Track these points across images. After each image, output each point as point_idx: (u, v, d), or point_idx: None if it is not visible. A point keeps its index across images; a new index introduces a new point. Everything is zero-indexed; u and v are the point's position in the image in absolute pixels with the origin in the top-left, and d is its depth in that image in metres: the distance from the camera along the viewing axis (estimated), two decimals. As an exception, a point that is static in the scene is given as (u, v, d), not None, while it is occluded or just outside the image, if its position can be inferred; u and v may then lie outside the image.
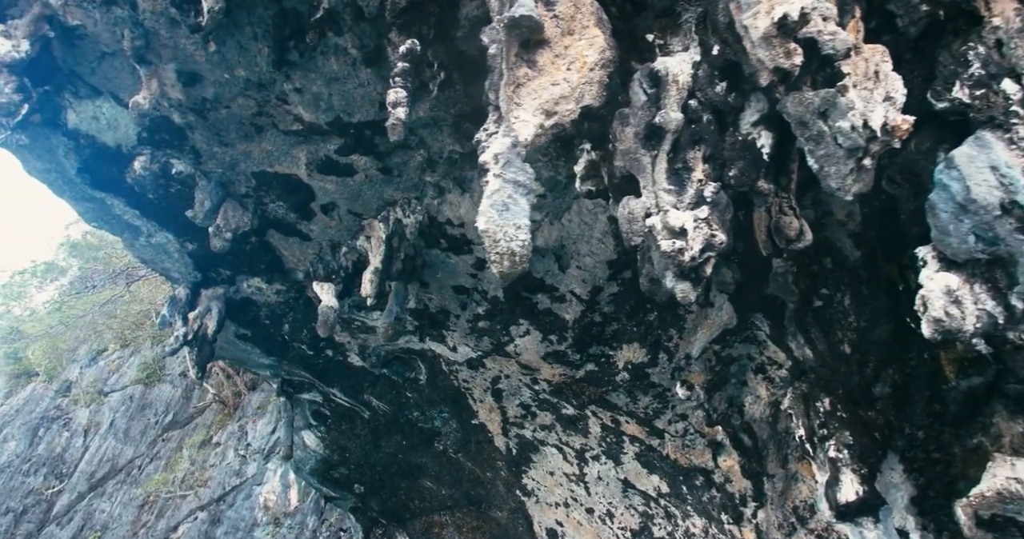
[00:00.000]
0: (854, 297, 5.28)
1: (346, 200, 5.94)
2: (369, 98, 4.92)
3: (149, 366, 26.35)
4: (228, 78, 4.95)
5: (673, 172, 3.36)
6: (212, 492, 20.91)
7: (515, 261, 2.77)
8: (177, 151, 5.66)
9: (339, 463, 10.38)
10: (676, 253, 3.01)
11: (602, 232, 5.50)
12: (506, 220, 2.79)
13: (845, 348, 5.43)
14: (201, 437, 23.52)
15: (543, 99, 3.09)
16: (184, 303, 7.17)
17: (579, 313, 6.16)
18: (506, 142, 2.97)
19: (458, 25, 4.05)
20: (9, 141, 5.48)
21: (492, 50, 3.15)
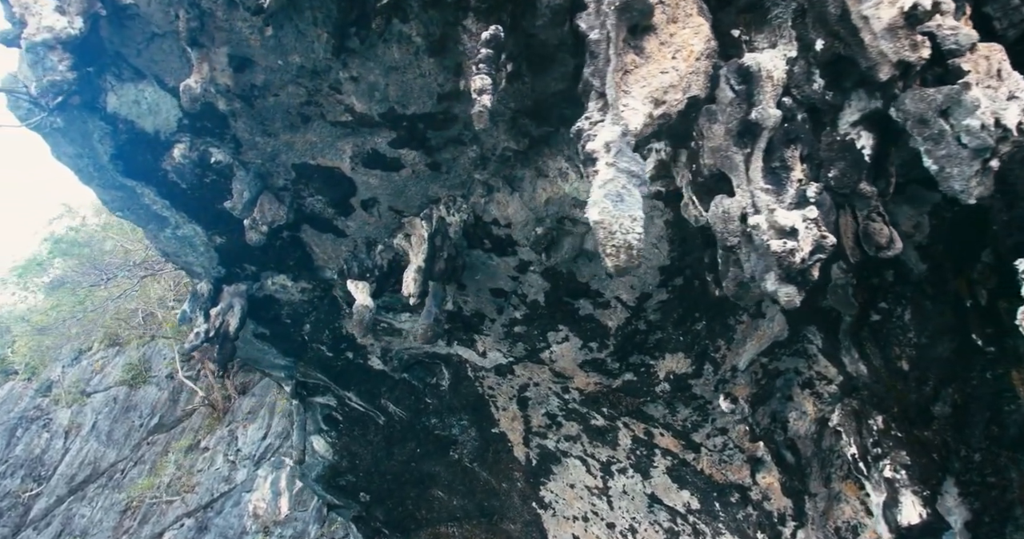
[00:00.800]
0: (916, 312, 5.22)
1: (388, 196, 5.84)
2: (428, 89, 4.84)
3: (135, 366, 25.96)
4: (281, 64, 4.85)
5: (770, 171, 3.28)
6: (200, 498, 20.57)
7: (631, 254, 2.67)
8: (217, 140, 5.54)
9: (347, 470, 10.19)
10: (787, 254, 2.93)
11: (657, 236, 5.43)
12: (621, 211, 2.69)
13: (903, 365, 5.37)
14: (188, 441, 23.17)
15: (652, 87, 3.01)
16: (206, 299, 7.03)
17: (623, 320, 6.07)
18: (616, 130, 2.89)
19: (537, 13, 3.98)
20: (43, 124, 5.37)
21: (595, 35, 3.07)
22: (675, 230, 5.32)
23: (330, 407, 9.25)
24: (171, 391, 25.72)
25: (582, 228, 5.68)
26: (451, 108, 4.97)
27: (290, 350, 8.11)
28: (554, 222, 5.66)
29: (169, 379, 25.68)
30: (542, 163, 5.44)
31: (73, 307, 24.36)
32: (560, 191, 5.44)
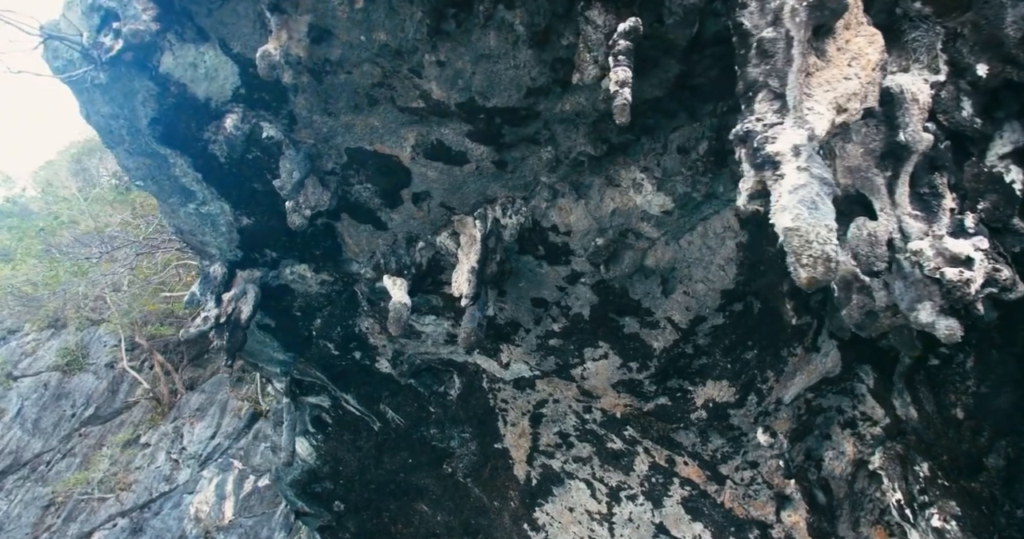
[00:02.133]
0: (979, 360, 5.29)
1: (444, 191, 5.68)
2: (517, 82, 4.73)
3: (71, 352, 24.76)
4: (363, 41, 4.69)
5: (917, 197, 3.27)
6: (136, 497, 19.69)
7: (829, 267, 2.58)
8: (271, 114, 5.32)
9: (327, 476, 9.85)
10: (961, 284, 2.90)
11: (726, 258, 5.40)
12: (817, 220, 2.61)
13: (957, 412, 5.43)
14: (127, 436, 22.20)
15: (838, 93, 2.96)
16: (219, 283, 6.73)
17: (671, 342, 6.01)
18: (802, 134, 2.82)
19: (668, 11, 3.91)
20: (84, 78, 5.09)
21: (769, 33, 3.01)
22: (747, 253, 5.30)
23: (322, 408, 8.94)
24: (111, 381, 24.62)
25: (644, 243, 5.63)
26: (536, 104, 4.87)
27: (293, 345, 7.81)
28: (616, 234, 5.59)
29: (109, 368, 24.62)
30: (614, 172, 5.38)
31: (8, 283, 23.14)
32: (630, 203, 5.38)
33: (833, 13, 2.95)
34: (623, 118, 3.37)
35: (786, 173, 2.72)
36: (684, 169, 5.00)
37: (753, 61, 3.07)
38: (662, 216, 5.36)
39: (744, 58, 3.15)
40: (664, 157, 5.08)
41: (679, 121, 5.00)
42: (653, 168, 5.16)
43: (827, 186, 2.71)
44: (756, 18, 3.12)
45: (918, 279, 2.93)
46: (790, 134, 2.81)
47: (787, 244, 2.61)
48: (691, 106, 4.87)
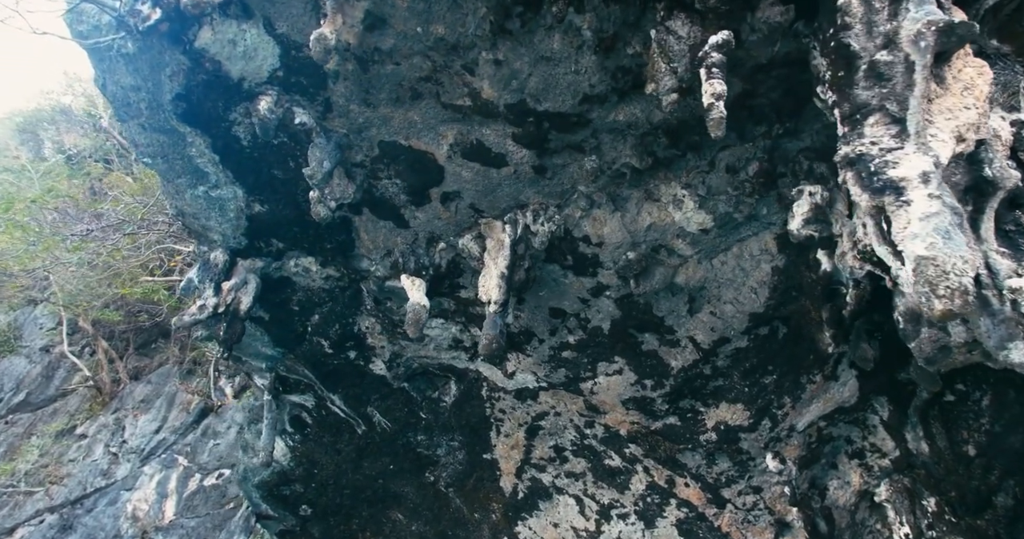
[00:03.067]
0: (996, 399, 5.48)
1: (475, 193, 5.64)
2: (574, 88, 4.73)
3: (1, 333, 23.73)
4: (419, 32, 4.63)
5: (1004, 234, 3.37)
6: (68, 492, 18.91)
7: (966, 300, 2.59)
8: (307, 100, 5.20)
9: (299, 479, 9.62)
10: (1060, 324, 2.99)
11: (759, 281, 5.49)
12: (952, 250, 2.64)
13: (968, 449, 5.61)
14: (61, 425, 21.29)
15: (960, 122, 3.02)
16: (219, 270, 6.53)
17: (690, 362, 6.07)
18: (927, 161, 2.87)
19: (752, 28, 3.96)
20: (110, 45, 4.90)
21: (885, 57, 3.06)
22: (782, 278, 5.40)
23: (303, 408, 8.73)
24: (45, 366, 23.62)
25: (676, 260, 5.68)
26: (589, 112, 4.88)
27: (284, 340, 7.63)
28: (648, 249, 5.63)
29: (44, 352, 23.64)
30: (654, 186, 5.42)
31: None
32: (668, 218, 5.43)
33: (960, 40, 3.02)
34: (719, 131, 3.39)
35: (914, 199, 2.76)
36: (730, 189, 5.07)
37: (862, 83, 3.12)
38: (699, 234, 5.42)
39: (848, 80, 3.20)
40: (710, 175, 5.14)
41: (728, 140, 5.06)
42: (697, 185, 5.21)
43: (958, 216, 2.77)
44: (864, 40, 3.18)
45: (1009, 317, 3.01)
46: (915, 160, 2.85)
47: (920, 273, 2.63)
48: (742, 126, 4.93)
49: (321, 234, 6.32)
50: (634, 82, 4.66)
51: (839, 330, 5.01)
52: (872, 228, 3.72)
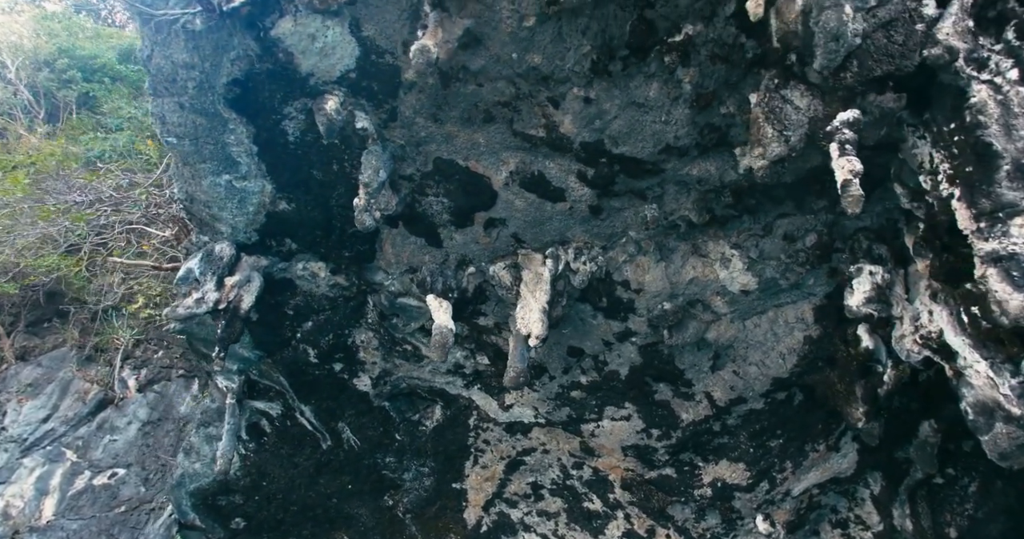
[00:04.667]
0: (983, 486, 5.87)
1: (523, 223, 5.65)
2: (658, 137, 4.84)
3: None
4: (513, 58, 4.65)
5: None
6: (-72, 482, 17.39)
7: None
8: (373, 106, 5.12)
9: (241, 490, 9.24)
10: None
11: (789, 348, 5.71)
12: None
13: (950, 531, 5.99)
14: (-73, 407, 19.68)
15: None
16: (224, 264, 6.29)
17: (702, 417, 6.23)
18: None
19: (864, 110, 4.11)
20: (176, 19, 4.72)
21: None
22: (813, 348, 5.63)
23: (266, 416, 8.43)
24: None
25: (709, 316, 5.84)
26: (665, 162, 5.00)
27: (267, 343, 7.36)
28: (685, 302, 5.77)
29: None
30: (702, 242, 5.58)
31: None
32: (711, 275, 5.59)
33: None
34: (856, 208, 3.53)
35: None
36: (784, 256, 5.27)
37: (1006, 183, 3.32)
38: (739, 295, 5.60)
39: (986, 178, 3.41)
40: (764, 240, 5.34)
41: (786, 209, 5.28)
42: (749, 247, 5.39)
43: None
44: (1004, 141, 3.39)
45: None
46: None
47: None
48: (802, 198, 5.16)
49: (343, 241, 6.19)
50: (719, 140, 4.81)
51: (872, 407, 5.26)
52: (949, 318, 3.97)
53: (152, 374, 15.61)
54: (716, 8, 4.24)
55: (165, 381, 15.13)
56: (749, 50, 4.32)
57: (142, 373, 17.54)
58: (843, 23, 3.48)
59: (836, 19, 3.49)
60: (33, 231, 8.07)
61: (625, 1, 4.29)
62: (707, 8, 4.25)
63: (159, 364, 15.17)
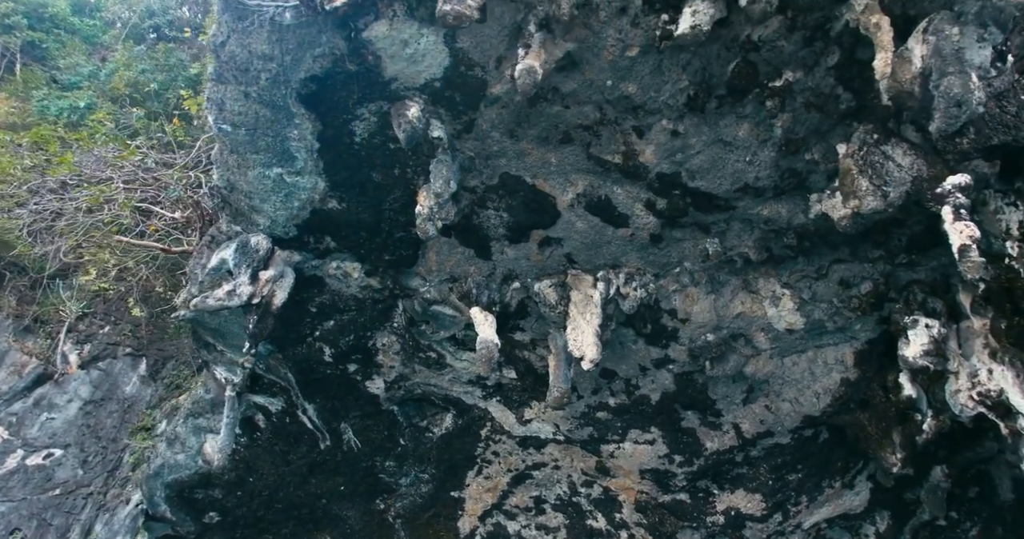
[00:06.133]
0: (984, 531, 6.25)
1: (580, 244, 5.75)
2: (738, 175, 4.99)
3: None
4: (608, 85, 4.74)
5: None
6: None
7: None
8: (450, 115, 5.14)
9: (223, 484, 9.11)
10: None
11: (824, 388, 5.95)
12: None
13: (952, 571, 6.32)
14: None
15: None
16: (260, 258, 6.21)
17: (727, 447, 6.44)
18: None
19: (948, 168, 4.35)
20: (265, 11, 4.68)
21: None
22: (849, 390, 5.89)
23: (264, 411, 8.33)
24: None
25: (749, 351, 6.04)
26: (739, 200, 5.16)
27: (281, 339, 7.27)
28: (728, 335, 5.95)
29: None
30: (753, 279, 5.77)
31: None
32: (759, 311, 5.78)
33: None
34: (976, 273, 3.70)
35: None
36: (836, 300, 5.49)
37: None
38: (783, 333, 5.81)
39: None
40: (818, 283, 5.55)
41: (841, 254, 5.51)
42: (801, 289, 5.60)
43: None
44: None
45: None
46: None
47: None
48: (858, 245, 5.39)
49: (387, 245, 6.18)
50: (797, 184, 5.00)
51: (910, 454, 5.53)
52: (1014, 380, 4.22)
53: (97, 350, 14.89)
54: (819, 58, 4.41)
55: (111, 358, 14.42)
56: (844, 102, 4.50)
57: (85, 348, 16.74)
58: (968, 90, 3.67)
59: (961, 86, 3.68)
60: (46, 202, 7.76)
61: (731, 42, 4.41)
62: (811, 57, 4.41)
63: (105, 340, 14.43)
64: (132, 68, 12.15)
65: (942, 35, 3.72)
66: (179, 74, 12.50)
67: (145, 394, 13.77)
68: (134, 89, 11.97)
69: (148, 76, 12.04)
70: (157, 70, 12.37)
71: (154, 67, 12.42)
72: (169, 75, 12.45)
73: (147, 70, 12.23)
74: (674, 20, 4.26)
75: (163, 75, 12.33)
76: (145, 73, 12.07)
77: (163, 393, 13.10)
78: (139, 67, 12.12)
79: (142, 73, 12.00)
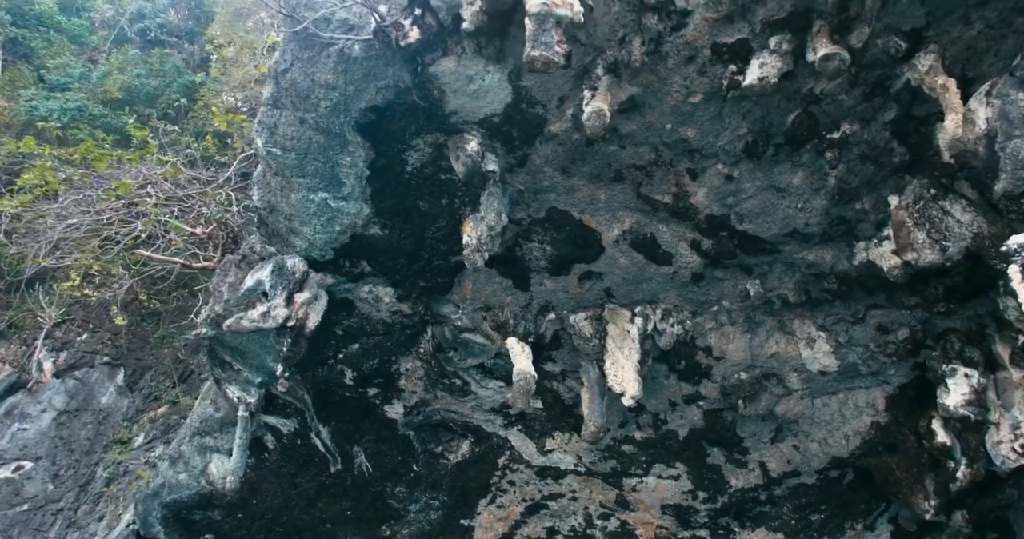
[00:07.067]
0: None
1: (621, 280, 5.88)
2: (788, 221, 5.16)
3: None
4: (667, 128, 4.90)
5: None
6: None
7: None
8: (505, 150, 5.27)
9: (224, 505, 9.02)
10: None
11: (854, 431, 6.11)
12: None
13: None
14: None
15: None
16: (296, 280, 6.26)
17: (752, 485, 6.57)
18: None
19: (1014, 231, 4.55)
20: (332, 42, 4.80)
21: None
22: (878, 433, 6.06)
23: (275, 432, 8.30)
24: None
25: (780, 390, 6.19)
26: (785, 244, 5.33)
27: (303, 361, 7.29)
28: (760, 374, 6.10)
29: None
30: (789, 320, 5.93)
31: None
32: (793, 352, 5.94)
33: None
34: None
35: None
36: (872, 345, 5.66)
37: None
38: (816, 374, 5.97)
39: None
40: (855, 327, 5.73)
41: (876, 299, 5.69)
42: (838, 332, 5.77)
43: None
44: None
45: None
46: None
47: None
48: (894, 292, 5.58)
49: (424, 272, 6.25)
50: (844, 231, 5.18)
51: (944, 501, 5.69)
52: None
53: (73, 358, 14.49)
54: (877, 113, 4.61)
55: (87, 367, 13.99)
56: (898, 155, 4.70)
57: (61, 356, 16.29)
58: (1033, 156, 3.87)
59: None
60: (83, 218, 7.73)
61: (793, 94, 4.59)
62: (869, 112, 4.61)
63: (82, 348, 14.02)
64: (127, 72, 12.11)
65: (1008, 99, 3.92)
66: (174, 80, 12.50)
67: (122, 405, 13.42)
68: (127, 93, 11.93)
69: (142, 81, 12.02)
70: (151, 75, 12.35)
71: (148, 72, 12.41)
72: (163, 81, 12.45)
73: (141, 74, 12.21)
74: (742, 71, 4.43)
75: (157, 80, 12.32)
76: (140, 77, 12.05)
77: (140, 405, 12.87)
78: (134, 71, 12.08)
79: (136, 77, 11.97)
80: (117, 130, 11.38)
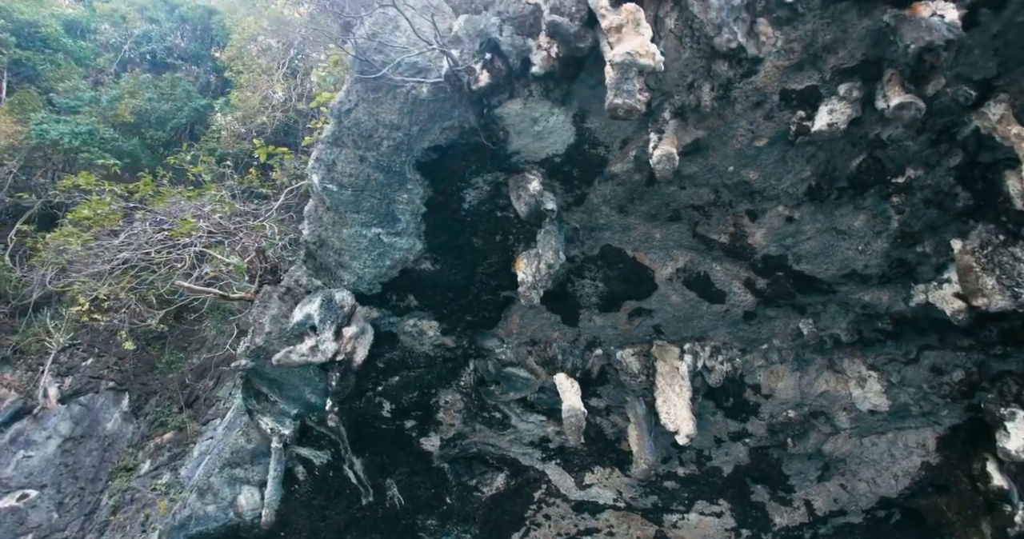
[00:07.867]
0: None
1: (671, 317, 5.91)
2: (846, 262, 5.20)
3: None
4: (729, 170, 4.96)
5: None
6: None
7: None
8: (563, 189, 5.32)
9: (250, 538, 8.96)
10: None
11: (904, 471, 6.12)
12: None
13: None
14: None
15: None
16: (344, 314, 6.28)
17: (796, 523, 6.56)
18: None
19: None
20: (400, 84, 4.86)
21: None
22: (928, 474, 6.06)
23: (307, 464, 8.26)
24: None
25: (828, 429, 6.21)
26: (842, 285, 5.37)
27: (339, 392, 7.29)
28: (809, 412, 6.12)
29: None
30: (838, 359, 5.96)
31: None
32: (843, 391, 5.96)
33: None
34: None
35: None
36: (926, 386, 5.69)
37: None
38: (866, 413, 5.98)
39: None
40: (907, 368, 5.76)
41: (929, 340, 5.72)
42: (890, 372, 5.80)
43: None
44: None
45: None
46: None
47: None
48: (947, 334, 5.62)
49: (472, 306, 6.28)
50: (903, 273, 5.22)
51: (999, 541, 5.70)
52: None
53: (79, 384, 14.25)
54: (942, 159, 4.67)
55: (93, 393, 13.79)
56: (962, 200, 4.76)
57: (66, 381, 16.05)
58: (1109, 210, 3.93)
59: (1102, 205, 3.93)
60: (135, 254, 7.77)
61: (859, 139, 4.66)
62: (934, 157, 4.67)
63: (88, 373, 13.82)
64: (138, 96, 12.16)
65: (1081, 151, 3.98)
66: (185, 104, 12.56)
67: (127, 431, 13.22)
68: (138, 116, 11.96)
69: (153, 104, 12.08)
70: (163, 99, 12.40)
71: (159, 96, 12.46)
72: (174, 105, 12.50)
73: (152, 98, 12.27)
74: (810, 116, 4.50)
75: (168, 104, 12.37)
76: (151, 101, 12.10)
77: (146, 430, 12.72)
78: (145, 95, 12.13)
79: (148, 101, 12.03)
80: (128, 153, 11.40)
